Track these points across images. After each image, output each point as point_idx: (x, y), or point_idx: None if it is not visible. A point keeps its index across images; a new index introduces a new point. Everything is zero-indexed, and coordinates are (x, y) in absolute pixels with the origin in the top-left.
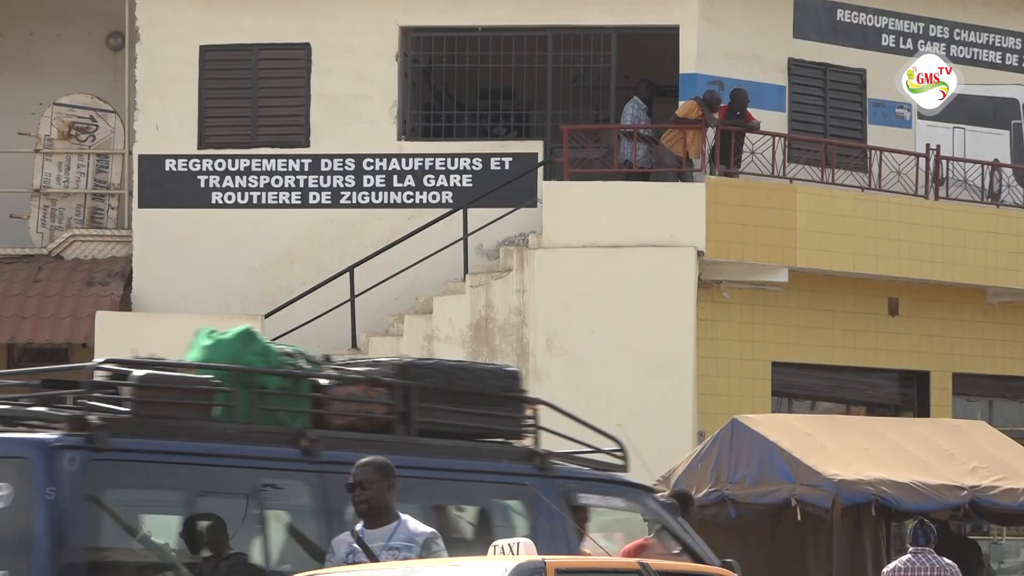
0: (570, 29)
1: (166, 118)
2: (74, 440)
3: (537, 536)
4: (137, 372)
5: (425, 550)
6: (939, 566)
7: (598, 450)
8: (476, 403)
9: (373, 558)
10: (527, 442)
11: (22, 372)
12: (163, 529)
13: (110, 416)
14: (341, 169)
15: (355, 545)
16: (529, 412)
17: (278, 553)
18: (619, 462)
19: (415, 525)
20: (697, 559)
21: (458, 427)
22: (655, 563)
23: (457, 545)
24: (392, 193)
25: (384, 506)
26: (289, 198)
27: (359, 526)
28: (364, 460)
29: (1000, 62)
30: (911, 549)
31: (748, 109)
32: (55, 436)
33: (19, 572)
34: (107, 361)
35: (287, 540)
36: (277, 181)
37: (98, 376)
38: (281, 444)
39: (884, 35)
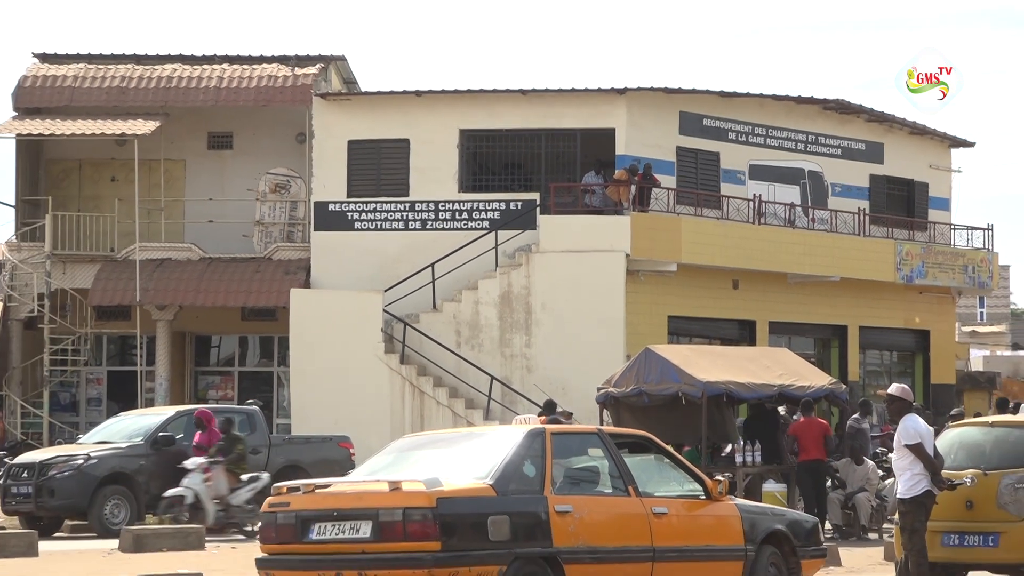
0: (554, 130)
1: (329, 180)
2: None
3: None
4: None
5: None
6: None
7: None
8: None
9: None
10: None
11: None
12: None
13: None
14: (426, 208)
15: None
16: None
17: None
18: None
19: None
20: None
21: None
22: (607, 428)
23: None
24: (456, 222)
25: None
26: (398, 225)
27: None
28: None
29: (793, 148)
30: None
31: (654, 175)
32: None
33: None
34: None
35: None
36: (391, 215)
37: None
38: None
39: (730, 132)
